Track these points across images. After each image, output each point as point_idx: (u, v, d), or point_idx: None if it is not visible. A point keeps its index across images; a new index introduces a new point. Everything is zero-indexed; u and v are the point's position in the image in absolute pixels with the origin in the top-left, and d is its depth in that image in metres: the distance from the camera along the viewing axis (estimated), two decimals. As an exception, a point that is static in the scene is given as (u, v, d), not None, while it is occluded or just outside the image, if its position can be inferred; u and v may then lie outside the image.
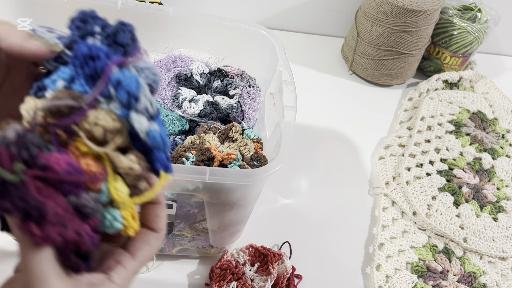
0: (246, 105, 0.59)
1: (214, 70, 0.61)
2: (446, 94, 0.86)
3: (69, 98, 0.24)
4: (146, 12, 0.61)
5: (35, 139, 0.21)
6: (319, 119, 0.81)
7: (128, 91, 0.24)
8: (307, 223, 0.65)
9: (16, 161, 0.20)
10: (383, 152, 0.76)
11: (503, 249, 0.66)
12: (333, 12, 0.96)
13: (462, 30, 0.86)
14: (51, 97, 0.24)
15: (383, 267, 0.61)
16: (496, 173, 0.75)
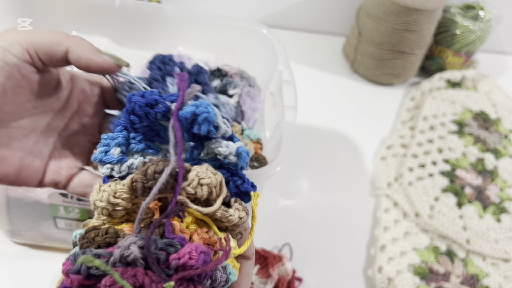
0: (245, 105, 0.58)
1: (214, 70, 0.60)
2: (448, 94, 0.85)
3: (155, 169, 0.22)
4: (144, 11, 0.60)
5: (158, 244, 0.21)
6: (319, 119, 0.80)
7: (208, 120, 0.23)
8: (308, 224, 0.65)
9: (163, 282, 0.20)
10: (384, 153, 0.76)
11: (506, 251, 0.65)
12: (334, 11, 0.96)
13: (465, 29, 0.85)
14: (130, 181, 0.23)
15: (385, 269, 0.60)
16: (499, 174, 0.74)
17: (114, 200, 0.23)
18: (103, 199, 0.23)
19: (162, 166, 0.22)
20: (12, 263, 0.54)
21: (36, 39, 0.25)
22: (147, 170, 0.22)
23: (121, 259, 0.20)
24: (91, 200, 0.24)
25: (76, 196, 0.46)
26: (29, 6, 0.60)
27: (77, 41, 0.26)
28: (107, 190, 0.23)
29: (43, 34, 0.25)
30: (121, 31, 0.63)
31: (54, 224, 0.51)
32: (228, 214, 0.24)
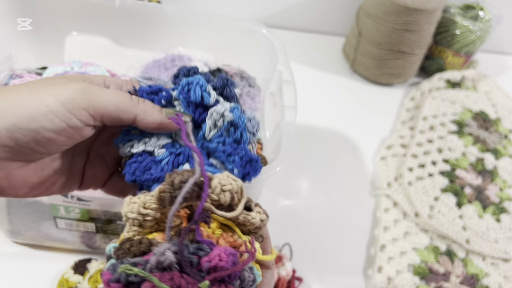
0: (245, 105, 0.58)
1: (213, 70, 0.60)
2: (448, 94, 0.85)
3: (181, 179, 0.24)
4: (144, 11, 0.60)
5: (190, 249, 0.22)
6: (319, 119, 0.80)
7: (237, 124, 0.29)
8: (308, 224, 0.65)
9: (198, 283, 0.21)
10: (384, 152, 0.76)
11: (506, 251, 0.65)
12: (334, 10, 0.96)
13: (465, 29, 0.85)
14: (158, 192, 0.24)
15: (384, 269, 0.60)
16: (499, 174, 0.74)
17: (144, 211, 0.24)
18: (134, 211, 0.24)
19: (187, 176, 0.24)
20: (12, 263, 0.54)
21: (104, 106, 0.25)
22: (174, 181, 0.24)
23: (157, 265, 0.21)
24: (123, 213, 0.25)
25: (76, 196, 0.46)
26: (29, 6, 0.60)
27: (144, 108, 0.26)
28: (137, 202, 0.24)
29: (110, 101, 0.25)
30: (121, 31, 0.63)
31: (54, 224, 0.51)
32: (250, 218, 0.25)
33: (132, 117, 0.26)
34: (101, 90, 0.25)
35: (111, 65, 0.60)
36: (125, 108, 0.25)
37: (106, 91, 0.25)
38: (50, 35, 0.62)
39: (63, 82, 0.25)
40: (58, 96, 0.23)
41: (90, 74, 0.28)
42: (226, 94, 0.30)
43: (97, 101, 0.24)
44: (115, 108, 0.25)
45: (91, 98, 0.24)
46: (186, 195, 0.23)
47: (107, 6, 0.60)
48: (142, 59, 0.62)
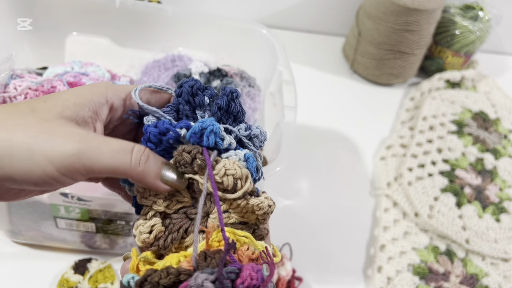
0: (245, 105, 0.58)
1: (214, 70, 0.60)
2: (448, 94, 0.85)
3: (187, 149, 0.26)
4: (144, 11, 0.60)
5: (224, 275, 0.23)
6: (319, 119, 0.80)
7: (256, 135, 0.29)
8: (308, 224, 0.65)
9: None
10: (384, 153, 0.76)
11: (505, 251, 0.65)
12: (334, 11, 0.96)
13: (464, 29, 0.85)
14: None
15: (384, 268, 0.60)
16: (498, 174, 0.74)
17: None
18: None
19: (191, 148, 0.26)
20: (13, 263, 0.54)
21: (99, 170, 0.24)
22: (180, 150, 0.26)
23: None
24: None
25: (76, 196, 0.46)
26: (29, 6, 0.60)
27: (141, 172, 0.25)
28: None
29: (106, 166, 0.24)
30: (121, 31, 0.63)
31: (54, 224, 0.51)
32: (259, 202, 0.27)
33: (128, 177, 0.26)
34: (98, 151, 0.24)
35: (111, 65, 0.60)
36: (121, 172, 0.25)
37: (103, 152, 0.24)
38: (51, 35, 0.63)
39: (59, 136, 0.23)
40: (52, 160, 0.23)
41: (91, 89, 0.27)
42: (232, 110, 0.29)
43: (93, 166, 0.24)
44: (111, 173, 0.24)
45: (87, 164, 0.23)
46: (183, 162, 0.26)
47: (107, 6, 0.60)
48: (142, 59, 0.62)
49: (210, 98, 0.29)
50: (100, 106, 0.27)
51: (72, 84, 0.53)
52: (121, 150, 0.24)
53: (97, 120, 0.27)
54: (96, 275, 0.53)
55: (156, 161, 0.26)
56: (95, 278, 0.52)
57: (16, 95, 0.50)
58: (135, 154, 0.25)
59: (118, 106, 0.28)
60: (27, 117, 0.24)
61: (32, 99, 0.27)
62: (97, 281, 0.52)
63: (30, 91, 0.50)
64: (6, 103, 0.50)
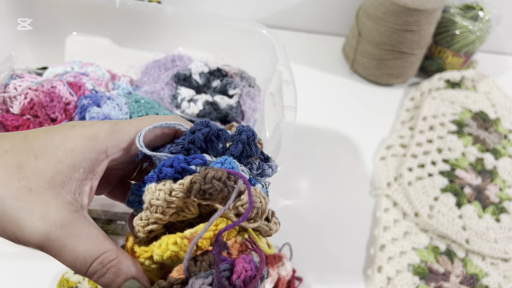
0: (245, 105, 0.58)
1: (214, 70, 0.60)
2: (448, 94, 0.85)
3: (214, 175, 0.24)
4: (144, 11, 0.60)
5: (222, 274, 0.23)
6: (319, 119, 0.80)
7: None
8: (308, 224, 0.65)
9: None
10: (384, 153, 0.76)
11: (505, 251, 0.65)
12: (333, 11, 0.96)
13: (464, 29, 0.85)
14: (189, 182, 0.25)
15: (384, 269, 0.60)
16: (498, 174, 0.74)
17: (169, 198, 0.25)
18: (160, 197, 0.25)
19: (221, 173, 0.24)
20: (12, 263, 0.54)
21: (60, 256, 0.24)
22: (207, 175, 0.24)
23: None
24: (146, 200, 0.25)
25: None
26: (29, 6, 0.60)
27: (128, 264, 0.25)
28: (163, 189, 0.25)
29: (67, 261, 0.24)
30: (121, 31, 0.63)
31: (54, 224, 0.51)
32: (268, 228, 0.27)
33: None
34: (60, 252, 0.23)
35: (111, 65, 0.60)
36: (80, 271, 0.24)
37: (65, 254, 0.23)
38: (50, 35, 0.63)
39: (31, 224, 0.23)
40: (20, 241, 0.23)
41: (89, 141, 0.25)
42: (247, 153, 0.28)
43: (57, 258, 0.24)
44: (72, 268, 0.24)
45: (52, 255, 0.24)
46: (213, 191, 0.24)
47: (107, 6, 0.60)
48: (142, 59, 0.62)
49: (224, 142, 0.28)
50: (98, 163, 0.25)
51: (72, 84, 0.53)
52: (83, 258, 0.23)
53: (92, 178, 0.25)
54: (96, 275, 0.53)
55: (119, 274, 0.24)
56: (95, 278, 0.52)
57: (16, 95, 0.50)
58: (94, 266, 0.24)
59: (119, 157, 0.26)
60: (11, 177, 0.22)
61: (23, 149, 0.24)
62: (97, 281, 0.52)
63: (30, 91, 0.50)
64: (6, 103, 0.50)
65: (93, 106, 0.50)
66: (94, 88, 0.54)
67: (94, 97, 0.51)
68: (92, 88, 0.54)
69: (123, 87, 0.58)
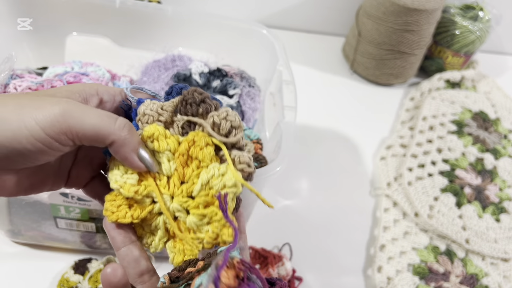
0: (245, 105, 0.58)
1: (214, 70, 0.60)
2: (448, 94, 0.86)
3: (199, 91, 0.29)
4: (144, 11, 0.60)
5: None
6: (319, 119, 0.80)
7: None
8: (308, 224, 0.65)
9: None
10: (384, 153, 0.76)
11: (505, 251, 0.65)
12: (333, 11, 0.96)
13: (464, 29, 0.85)
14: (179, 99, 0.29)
15: (384, 268, 0.60)
16: (498, 174, 0.74)
17: (161, 110, 0.28)
18: (153, 108, 0.28)
19: (201, 91, 0.28)
20: (13, 263, 0.54)
21: (83, 131, 0.25)
22: (191, 91, 0.28)
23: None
24: (140, 111, 0.29)
25: (76, 196, 0.46)
26: (29, 6, 0.60)
27: (123, 138, 0.26)
28: (156, 103, 0.29)
29: (91, 126, 0.25)
30: (121, 31, 0.63)
31: (54, 224, 0.51)
32: (240, 154, 0.29)
33: (108, 142, 0.26)
34: (83, 112, 0.25)
35: (111, 65, 0.60)
36: (105, 134, 0.26)
37: (88, 114, 0.25)
38: (50, 35, 0.62)
39: (47, 102, 0.25)
40: (39, 120, 0.24)
41: (84, 84, 0.29)
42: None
43: (77, 126, 0.25)
44: (95, 134, 0.25)
45: (71, 123, 0.25)
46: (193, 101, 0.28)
47: (107, 7, 0.60)
48: (142, 59, 0.62)
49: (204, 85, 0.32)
50: (91, 95, 0.29)
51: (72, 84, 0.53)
52: (106, 114, 0.26)
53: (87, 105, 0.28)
54: (96, 275, 0.53)
55: (137, 136, 0.27)
56: (95, 278, 0.52)
57: (16, 95, 0.49)
58: (119, 120, 0.26)
59: (107, 100, 0.30)
60: (20, 96, 0.26)
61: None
62: (97, 281, 0.52)
63: (30, 91, 0.50)
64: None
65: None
66: (94, 88, 0.54)
67: (94, 97, 0.51)
68: (92, 88, 0.54)
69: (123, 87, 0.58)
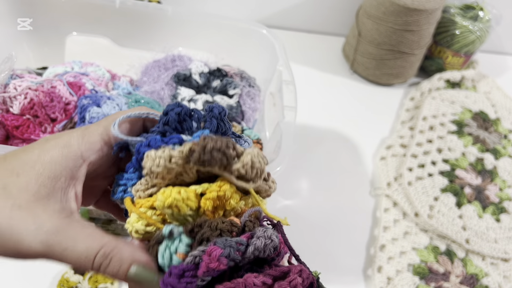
0: (245, 105, 0.58)
1: (214, 70, 0.60)
2: (448, 94, 0.86)
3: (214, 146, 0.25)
4: (144, 11, 0.60)
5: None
6: (319, 119, 0.80)
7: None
8: (308, 224, 0.65)
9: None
10: (384, 153, 0.76)
11: (505, 251, 0.65)
12: (333, 11, 0.96)
13: (464, 29, 0.85)
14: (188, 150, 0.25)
15: (384, 269, 0.60)
16: (498, 174, 0.74)
17: (169, 165, 0.25)
18: (160, 164, 0.25)
19: (220, 143, 0.24)
20: (12, 263, 0.54)
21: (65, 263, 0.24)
22: (207, 145, 0.24)
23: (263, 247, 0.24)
24: (147, 167, 0.25)
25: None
26: (29, 6, 0.60)
27: (103, 272, 0.25)
28: (162, 156, 0.25)
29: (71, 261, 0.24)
30: (121, 31, 0.63)
31: (54, 224, 0.51)
32: (268, 187, 0.28)
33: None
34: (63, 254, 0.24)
35: (111, 65, 0.60)
36: (86, 268, 0.25)
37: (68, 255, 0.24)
38: (50, 35, 0.63)
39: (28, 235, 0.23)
40: (22, 254, 0.23)
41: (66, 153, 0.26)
42: (221, 130, 0.29)
43: (61, 261, 0.24)
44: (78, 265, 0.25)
45: (55, 259, 0.24)
46: (212, 162, 0.24)
47: (107, 6, 0.60)
48: (142, 59, 0.62)
49: (198, 121, 0.29)
50: (77, 169, 0.26)
51: (72, 84, 0.53)
52: (86, 251, 0.24)
53: (75, 183, 0.27)
54: (96, 275, 0.53)
55: (125, 261, 0.25)
56: (95, 278, 0.52)
57: (16, 95, 0.50)
58: (97, 260, 0.24)
59: (95, 160, 0.28)
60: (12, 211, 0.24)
61: (4, 170, 0.25)
62: (97, 281, 0.52)
63: (30, 91, 0.50)
64: (6, 103, 0.50)
65: (93, 106, 0.50)
66: (94, 88, 0.54)
67: (94, 97, 0.51)
68: (92, 88, 0.54)
69: (123, 87, 0.58)
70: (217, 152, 0.24)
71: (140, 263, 0.25)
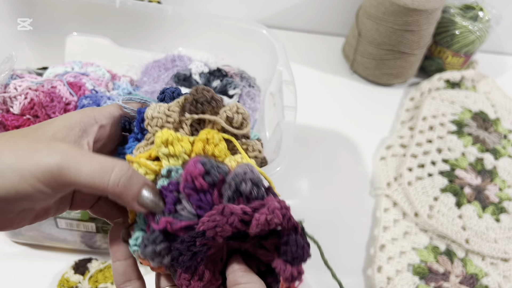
0: (246, 105, 0.58)
1: (214, 70, 0.60)
2: (448, 94, 0.86)
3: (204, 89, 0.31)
4: (144, 11, 0.61)
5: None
6: (319, 119, 0.80)
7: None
8: (308, 224, 0.64)
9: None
10: (384, 153, 0.76)
11: (505, 250, 0.65)
12: (333, 11, 0.96)
13: (464, 29, 0.85)
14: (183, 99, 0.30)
15: (384, 268, 0.60)
16: (498, 174, 0.74)
17: (168, 112, 0.29)
18: (160, 110, 0.29)
19: (209, 89, 0.30)
20: (13, 263, 0.54)
21: (77, 185, 0.25)
22: (198, 88, 0.30)
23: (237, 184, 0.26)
24: (148, 114, 0.29)
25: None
26: (29, 6, 0.60)
27: (119, 193, 0.26)
28: (162, 106, 0.29)
29: (84, 180, 0.25)
30: (121, 31, 0.63)
31: (55, 224, 0.51)
32: (254, 143, 0.31)
33: (105, 195, 0.26)
34: (78, 165, 0.24)
35: (111, 65, 0.60)
36: (99, 189, 0.25)
37: (83, 167, 0.25)
38: (51, 35, 0.63)
39: (44, 153, 0.24)
40: (37, 176, 0.24)
41: (81, 113, 0.29)
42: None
43: (71, 181, 0.24)
44: (90, 189, 0.25)
45: (68, 179, 0.24)
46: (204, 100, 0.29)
47: (107, 7, 0.60)
48: (142, 59, 0.62)
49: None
50: (90, 126, 0.29)
51: (72, 84, 0.53)
52: (101, 169, 0.25)
53: (87, 136, 0.29)
54: (96, 275, 0.53)
55: (137, 181, 0.26)
56: (95, 278, 0.52)
57: (16, 95, 0.50)
58: (114, 174, 0.25)
59: (106, 123, 0.31)
60: (18, 142, 0.26)
61: (26, 128, 0.28)
62: (97, 281, 0.52)
63: (30, 91, 0.50)
64: (6, 103, 0.50)
65: (93, 106, 0.50)
66: (94, 88, 0.54)
67: (94, 97, 0.51)
68: (92, 88, 0.54)
69: (123, 87, 0.58)
70: (207, 92, 0.29)
71: (149, 186, 0.27)
